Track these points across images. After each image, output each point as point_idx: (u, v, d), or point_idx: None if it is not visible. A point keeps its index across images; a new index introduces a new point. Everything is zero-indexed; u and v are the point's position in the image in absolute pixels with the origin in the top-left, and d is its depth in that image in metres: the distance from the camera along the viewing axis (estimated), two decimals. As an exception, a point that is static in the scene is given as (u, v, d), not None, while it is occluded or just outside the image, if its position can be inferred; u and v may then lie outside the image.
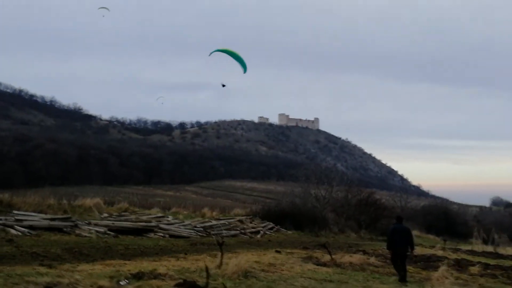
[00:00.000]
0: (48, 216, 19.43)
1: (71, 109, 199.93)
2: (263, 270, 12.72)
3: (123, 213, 26.50)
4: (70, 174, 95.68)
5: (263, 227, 29.48)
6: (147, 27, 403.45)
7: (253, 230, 27.87)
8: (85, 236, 17.83)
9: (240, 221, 29.73)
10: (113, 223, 20.66)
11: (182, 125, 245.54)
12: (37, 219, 18.35)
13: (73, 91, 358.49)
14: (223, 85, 21.54)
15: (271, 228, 30.29)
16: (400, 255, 13.99)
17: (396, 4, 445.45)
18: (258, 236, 26.64)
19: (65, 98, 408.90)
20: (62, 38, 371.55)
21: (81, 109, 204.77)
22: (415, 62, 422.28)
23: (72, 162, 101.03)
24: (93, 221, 20.87)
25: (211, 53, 20.14)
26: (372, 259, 17.20)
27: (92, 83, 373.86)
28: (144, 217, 25.04)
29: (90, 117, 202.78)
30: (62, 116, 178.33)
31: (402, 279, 13.55)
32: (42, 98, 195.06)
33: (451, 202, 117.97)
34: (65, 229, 18.19)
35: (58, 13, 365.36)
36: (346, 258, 16.91)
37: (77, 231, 18.40)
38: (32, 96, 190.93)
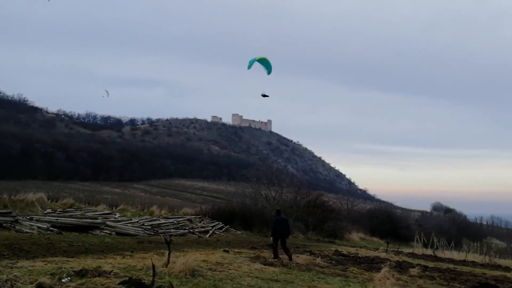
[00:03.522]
0: (-13, 210, 18.56)
1: (16, 100, 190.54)
2: (210, 269, 12.70)
3: (67, 209, 25.73)
4: (12, 168, 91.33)
5: (212, 226, 29.41)
6: (102, 20, 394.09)
7: (202, 229, 27.75)
8: (26, 232, 17.18)
9: (189, 220, 29.56)
10: (56, 219, 20.03)
11: (132, 122, 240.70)
12: (-26, 213, 17.50)
13: (18, 82, 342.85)
14: (265, 95, 21.47)
15: (220, 228, 30.26)
16: (281, 240, 17.77)
17: (351, 16, 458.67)
18: (207, 235, 26.54)
19: (9, 88, 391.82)
20: (8, 25, 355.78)
21: (27, 101, 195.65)
22: (367, 70, 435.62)
23: (14, 156, 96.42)
24: (35, 217, 20.17)
25: (250, 65, 20.25)
26: (318, 260, 17.51)
27: (39, 74, 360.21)
28: (90, 214, 24.42)
29: (36, 109, 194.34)
30: (6, 107, 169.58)
31: (290, 257, 17.18)
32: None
33: (395, 206, 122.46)
34: (4, 225, 17.46)
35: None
36: (293, 258, 17.16)
37: (18, 227, 17.71)
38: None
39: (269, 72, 21.02)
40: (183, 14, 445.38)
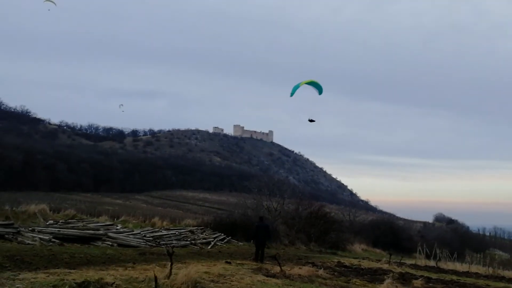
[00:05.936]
0: (-11, 222, 18.54)
1: (18, 112, 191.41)
2: (212, 281, 12.64)
3: (69, 221, 25.68)
4: (15, 179, 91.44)
5: (214, 238, 29.30)
6: (104, 32, 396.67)
7: (204, 240, 27.65)
8: (28, 244, 17.14)
9: (191, 231, 29.46)
10: (58, 231, 19.96)
11: (134, 133, 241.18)
12: (-24, 224, 17.49)
13: (21, 93, 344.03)
14: (311, 120, 21.67)
15: (222, 239, 30.15)
16: (261, 245, 19.62)
17: (351, 26, 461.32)
18: (209, 247, 26.45)
19: (12, 100, 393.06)
20: (10, 38, 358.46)
21: (29, 112, 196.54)
22: (368, 81, 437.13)
23: (16, 167, 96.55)
24: (37, 228, 20.11)
25: (293, 92, 20.65)
26: (321, 272, 17.42)
27: (42, 85, 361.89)
28: (92, 225, 24.38)
29: (38, 121, 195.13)
30: (8, 118, 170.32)
31: (262, 260, 19.17)
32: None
33: (397, 217, 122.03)
34: (6, 236, 17.42)
35: (6, 12, 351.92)
36: (296, 270, 17.06)
37: (20, 238, 17.67)
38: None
39: (320, 92, 21.17)
40: (185, 26, 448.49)
